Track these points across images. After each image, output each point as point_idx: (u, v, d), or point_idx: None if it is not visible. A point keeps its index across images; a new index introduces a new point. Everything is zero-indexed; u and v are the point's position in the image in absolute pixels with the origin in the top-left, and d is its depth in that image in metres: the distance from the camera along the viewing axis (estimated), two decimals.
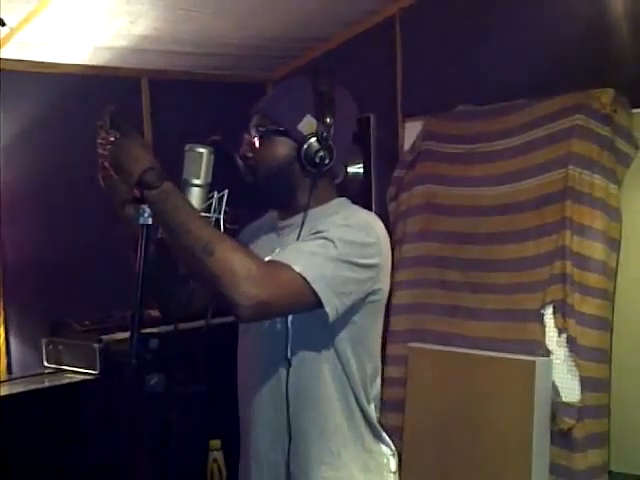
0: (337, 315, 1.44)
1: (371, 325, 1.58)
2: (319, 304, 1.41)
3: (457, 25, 3.34)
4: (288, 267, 1.40)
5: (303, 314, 1.48)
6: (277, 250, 1.55)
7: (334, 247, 1.43)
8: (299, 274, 1.39)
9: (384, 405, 3.14)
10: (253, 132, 1.58)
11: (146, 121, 3.59)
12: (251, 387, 1.60)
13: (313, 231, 1.49)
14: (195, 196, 1.48)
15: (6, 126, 3.12)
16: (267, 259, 1.45)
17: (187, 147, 1.50)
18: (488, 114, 3.17)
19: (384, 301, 1.59)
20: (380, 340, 1.64)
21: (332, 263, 1.43)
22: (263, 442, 1.58)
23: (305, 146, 1.53)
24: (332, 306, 1.42)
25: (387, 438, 1.64)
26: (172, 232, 1.39)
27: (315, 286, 1.40)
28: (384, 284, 1.56)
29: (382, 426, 1.64)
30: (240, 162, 1.54)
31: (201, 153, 1.49)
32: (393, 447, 1.66)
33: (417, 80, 3.51)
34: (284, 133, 1.55)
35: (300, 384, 1.52)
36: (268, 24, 3.38)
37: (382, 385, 1.66)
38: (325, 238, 1.45)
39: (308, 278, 1.40)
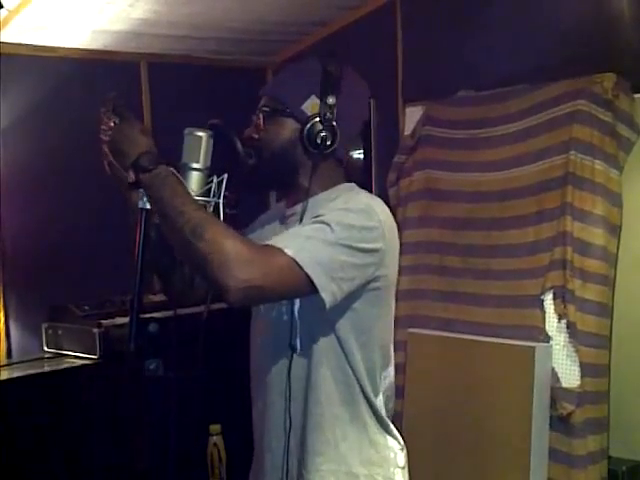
0: (335, 301, 1.40)
1: (377, 313, 1.54)
2: (315, 290, 1.38)
3: (458, 10, 3.32)
4: (280, 251, 1.36)
5: (309, 303, 1.45)
6: None
7: (331, 231, 1.39)
8: (292, 258, 1.36)
9: None
10: (259, 113, 1.56)
11: (145, 105, 3.58)
12: (261, 377, 1.60)
13: (314, 216, 1.46)
14: (194, 180, 1.48)
15: (5, 110, 3.11)
16: (262, 244, 1.43)
17: (186, 131, 1.49)
18: (489, 99, 3.15)
19: (391, 289, 1.55)
20: (392, 329, 1.60)
21: (329, 247, 1.38)
22: (274, 430, 1.57)
23: (308, 126, 1.51)
24: (328, 292, 1.38)
25: (395, 431, 1.61)
26: (165, 215, 1.37)
27: (308, 270, 1.36)
28: (389, 270, 1.51)
29: (395, 416, 1.61)
30: (240, 146, 1.52)
31: (200, 137, 1.48)
32: (402, 442, 1.62)
33: (418, 65, 3.49)
34: (288, 114, 1.53)
35: (302, 372, 1.51)
36: (269, 8, 3.36)
37: None
38: (322, 222, 1.41)
39: (301, 262, 1.36)
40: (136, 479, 2.97)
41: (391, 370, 1.61)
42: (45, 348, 3.19)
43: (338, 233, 1.40)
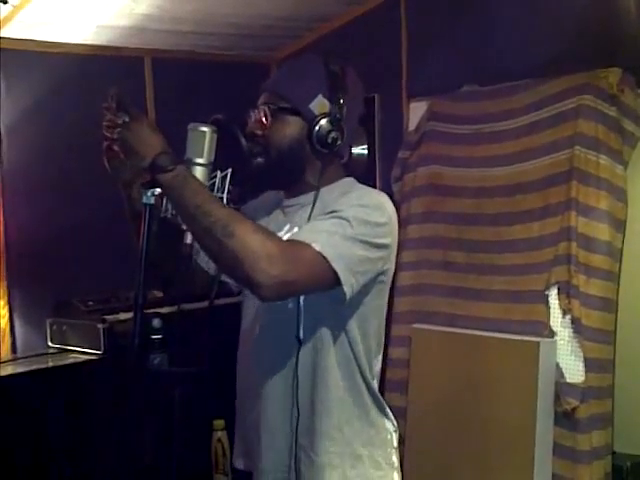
0: (352, 294, 1.46)
1: (379, 304, 1.60)
2: (337, 283, 1.43)
3: (463, 4, 3.31)
4: (308, 246, 1.41)
5: (315, 293, 1.49)
6: (286, 228, 1.57)
7: (350, 226, 1.44)
8: (319, 253, 1.40)
9: (388, 386, 3.18)
10: (263, 110, 1.57)
11: (149, 101, 3.58)
12: (261, 365, 1.61)
13: (327, 210, 1.50)
14: (198, 175, 1.48)
15: (9, 106, 3.11)
16: (285, 238, 1.46)
17: (190, 126, 1.49)
18: (493, 94, 3.14)
19: (390, 281, 1.61)
20: (384, 318, 1.65)
21: (348, 242, 1.44)
22: (276, 415, 1.60)
23: (316, 126, 1.54)
24: (349, 285, 1.44)
25: (390, 414, 1.67)
26: (190, 216, 1.38)
27: (334, 265, 1.41)
28: (392, 264, 1.58)
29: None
30: (244, 141, 1.53)
31: (204, 132, 1.48)
32: (395, 423, 1.68)
33: (422, 60, 3.48)
34: (295, 112, 1.55)
35: (309, 361, 1.55)
36: (272, 3, 3.35)
37: (386, 366, 1.68)
38: (341, 217, 1.46)
39: (328, 257, 1.41)
40: (140, 474, 2.96)
41: (380, 357, 1.66)
42: (49, 343, 3.19)
43: (356, 228, 1.45)
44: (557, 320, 2.83)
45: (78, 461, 2.87)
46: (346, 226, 1.44)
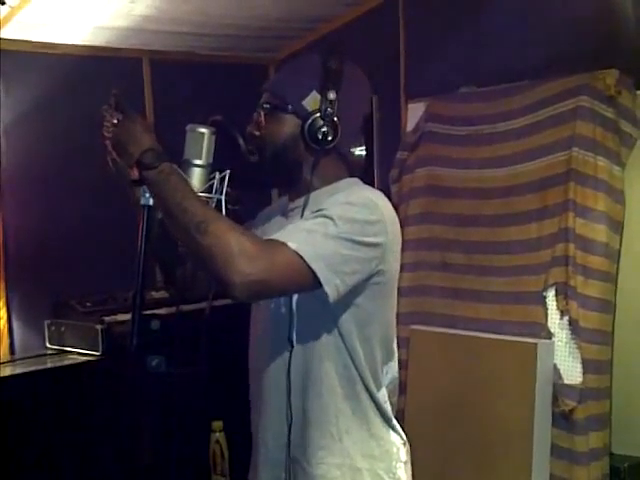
0: (338, 295, 1.41)
1: (378, 308, 1.54)
2: (318, 283, 1.38)
3: (461, 5, 3.31)
4: (284, 245, 1.37)
5: (307, 296, 1.45)
6: None
7: (334, 225, 1.40)
8: (295, 252, 1.36)
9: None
10: (260, 110, 1.56)
11: (148, 102, 3.58)
12: (259, 371, 1.59)
13: (315, 210, 1.47)
14: (196, 176, 1.48)
15: (7, 107, 3.11)
16: (265, 238, 1.43)
17: (188, 127, 1.50)
18: (491, 96, 3.15)
19: (393, 283, 1.56)
20: (394, 323, 1.60)
21: (331, 241, 1.39)
22: (270, 425, 1.57)
23: (309, 122, 1.51)
24: (332, 285, 1.38)
25: (398, 426, 1.61)
26: (169, 212, 1.38)
27: (312, 264, 1.37)
28: (391, 265, 1.51)
29: (397, 412, 1.61)
30: (242, 142, 1.53)
31: (202, 133, 1.48)
32: (404, 437, 1.62)
33: (420, 61, 3.48)
34: (289, 110, 1.53)
35: (302, 367, 1.51)
36: (270, 4, 3.35)
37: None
38: (324, 216, 1.42)
39: (304, 256, 1.36)
40: (138, 475, 2.97)
41: (393, 364, 1.61)
42: (48, 344, 3.19)
43: (341, 227, 1.40)
44: (555, 321, 2.83)
45: (77, 462, 2.87)
46: (329, 224, 1.39)
